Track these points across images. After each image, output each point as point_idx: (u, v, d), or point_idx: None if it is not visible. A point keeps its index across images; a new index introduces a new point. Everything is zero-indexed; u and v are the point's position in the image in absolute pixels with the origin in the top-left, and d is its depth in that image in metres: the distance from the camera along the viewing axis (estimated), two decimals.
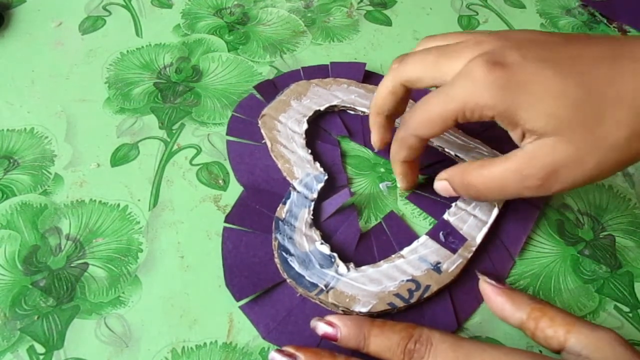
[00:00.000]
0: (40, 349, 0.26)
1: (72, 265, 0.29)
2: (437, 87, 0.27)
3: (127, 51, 0.40)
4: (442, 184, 0.29)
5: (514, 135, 0.25)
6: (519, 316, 0.25)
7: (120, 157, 0.34)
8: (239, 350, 0.27)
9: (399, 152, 0.29)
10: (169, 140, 0.35)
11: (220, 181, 0.33)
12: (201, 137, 0.35)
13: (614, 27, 0.46)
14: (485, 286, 0.26)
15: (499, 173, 0.26)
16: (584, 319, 0.24)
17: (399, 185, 0.32)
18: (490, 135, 0.34)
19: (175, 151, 0.34)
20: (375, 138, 0.32)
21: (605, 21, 0.47)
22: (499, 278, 0.29)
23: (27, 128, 0.35)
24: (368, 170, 0.34)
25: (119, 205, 0.31)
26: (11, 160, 0.33)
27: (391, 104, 0.30)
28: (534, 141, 0.24)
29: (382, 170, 0.34)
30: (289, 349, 0.24)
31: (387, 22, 0.45)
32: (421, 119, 0.27)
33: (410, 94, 0.30)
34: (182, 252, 0.30)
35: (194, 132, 0.35)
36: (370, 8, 0.46)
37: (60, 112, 0.36)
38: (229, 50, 0.41)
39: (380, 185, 0.34)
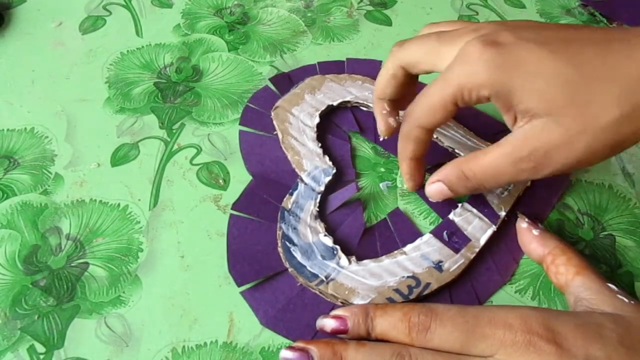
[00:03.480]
0: (40, 348, 0.26)
1: (72, 264, 0.29)
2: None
3: (127, 51, 0.40)
4: (436, 187, 0.29)
5: (507, 119, 0.26)
6: (541, 251, 0.28)
7: (121, 156, 0.34)
8: (239, 349, 0.27)
9: (405, 148, 0.29)
10: (169, 140, 0.35)
11: (221, 181, 0.33)
12: (201, 136, 0.35)
13: (614, 27, 0.46)
14: (522, 223, 0.30)
15: (493, 159, 0.26)
16: (599, 271, 0.26)
17: (405, 186, 0.32)
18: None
19: (175, 151, 0.34)
20: (381, 125, 0.31)
21: (605, 21, 0.47)
22: (536, 220, 0.30)
23: (27, 128, 0.35)
24: (368, 170, 0.34)
25: (119, 205, 0.31)
26: (11, 160, 0.33)
27: (392, 88, 0.29)
28: (525, 124, 0.24)
29: (382, 170, 0.34)
30: (300, 344, 0.24)
31: (387, 22, 0.45)
32: (422, 108, 0.27)
33: (415, 84, 0.30)
34: (183, 252, 0.30)
35: (194, 131, 0.35)
36: (371, 8, 0.46)
37: (60, 112, 0.36)
38: (229, 50, 0.41)
39: (381, 185, 0.34)
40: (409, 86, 0.30)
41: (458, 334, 0.23)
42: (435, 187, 0.29)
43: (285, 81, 0.38)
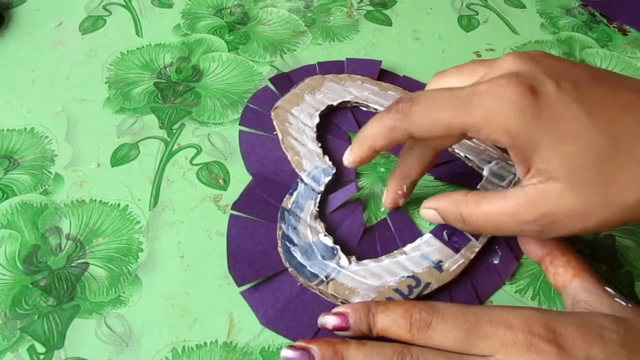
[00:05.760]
0: (40, 348, 0.26)
1: (72, 264, 0.29)
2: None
3: (127, 51, 0.40)
4: (430, 213, 0.28)
5: (520, 169, 0.24)
6: (540, 251, 0.28)
7: (121, 156, 0.34)
8: (239, 349, 0.27)
9: (378, 138, 0.26)
10: (169, 140, 0.35)
11: (221, 181, 0.33)
12: (201, 136, 0.35)
13: (613, 27, 0.46)
14: None
15: (497, 212, 0.24)
16: (597, 274, 0.26)
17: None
18: None
19: (175, 151, 0.34)
20: (388, 200, 0.31)
21: (605, 21, 0.47)
22: None
23: (27, 128, 0.35)
24: (368, 170, 0.34)
25: (119, 205, 0.31)
26: (11, 160, 0.33)
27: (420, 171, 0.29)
28: (539, 184, 0.23)
29: (382, 170, 0.34)
30: (301, 344, 0.24)
31: (387, 22, 0.45)
32: (425, 119, 0.24)
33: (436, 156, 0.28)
34: (183, 252, 0.30)
35: (194, 131, 0.35)
36: (371, 8, 0.46)
37: (60, 112, 0.36)
38: (229, 50, 0.41)
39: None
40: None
41: (459, 332, 0.23)
42: (430, 214, 0.28)
43: (285, 81, 0.38)
